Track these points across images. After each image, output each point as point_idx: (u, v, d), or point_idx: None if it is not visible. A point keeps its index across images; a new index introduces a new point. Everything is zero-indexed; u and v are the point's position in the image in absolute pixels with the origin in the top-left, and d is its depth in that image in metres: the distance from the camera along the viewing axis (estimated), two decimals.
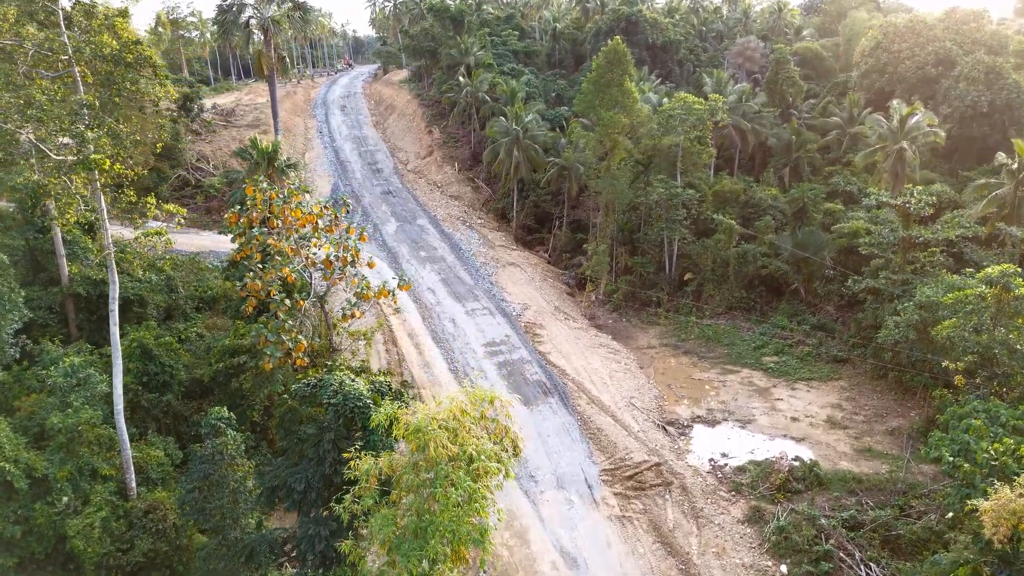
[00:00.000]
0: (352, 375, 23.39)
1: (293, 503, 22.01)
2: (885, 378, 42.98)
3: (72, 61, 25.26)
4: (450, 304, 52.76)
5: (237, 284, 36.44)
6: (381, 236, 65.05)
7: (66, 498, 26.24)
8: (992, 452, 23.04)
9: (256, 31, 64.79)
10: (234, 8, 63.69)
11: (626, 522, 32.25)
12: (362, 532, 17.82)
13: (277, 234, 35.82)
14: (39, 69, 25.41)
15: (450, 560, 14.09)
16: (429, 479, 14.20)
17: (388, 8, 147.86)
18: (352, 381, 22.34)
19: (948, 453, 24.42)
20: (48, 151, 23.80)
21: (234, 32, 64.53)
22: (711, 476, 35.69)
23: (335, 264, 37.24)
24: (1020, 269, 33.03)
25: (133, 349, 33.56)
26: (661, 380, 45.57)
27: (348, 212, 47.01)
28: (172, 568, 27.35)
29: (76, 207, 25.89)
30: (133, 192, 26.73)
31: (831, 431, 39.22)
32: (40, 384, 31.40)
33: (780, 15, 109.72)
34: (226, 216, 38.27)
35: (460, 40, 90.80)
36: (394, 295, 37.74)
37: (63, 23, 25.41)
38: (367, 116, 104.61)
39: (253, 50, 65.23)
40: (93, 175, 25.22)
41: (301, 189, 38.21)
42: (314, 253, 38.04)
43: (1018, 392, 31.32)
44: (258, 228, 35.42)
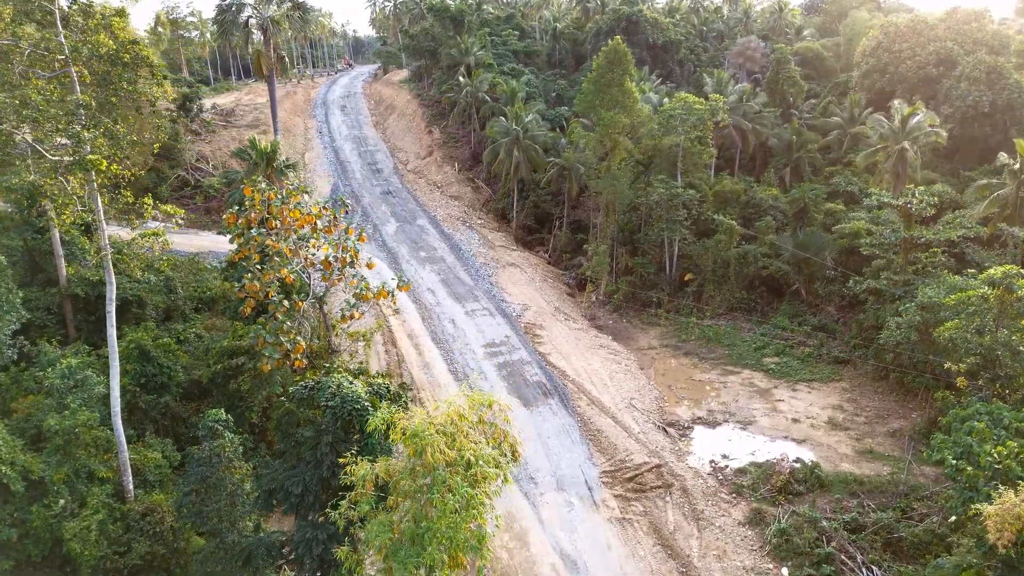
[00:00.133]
0: (350, 377, 23.23)
1: (291, 506, 21.85)
2: (886, 379, 42.81)
3: (69, 61, 25.10)
4: (450, 305, 52.59)
5: (235, 285, 36.28)
6: (381, 236, 64.89)
7: (63, 500, 26.08)
8: (995, 455, 22.86)
9: (255, 31, 64.66)
10: (233, 8, 63.53)
11: (626, 524, 32.09)
12: (360, 536, 17.64)
13: (275, 235, 35.64)
14: (36, 69, 25.25)
15: (448, 567, 13.90)
16: (426, 484, 14.02)
17: (388, 8, 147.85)
18: (350, 383, 22.17)
19: (951, 456, 24.23)
20: (44, 151, 23.64)
21: (233, 32, 64.38)
22: (712, 478, 35.53)
23: (334, 265, 37.08)
24: (1023, 270, 32.86)
25: (131, 350, 33.39)
26: (661, 381, 45.40)
27: (347, 212, 46.82)
28: (169, 571, 27.19)
29: (73, 208, 25.72)
30: (130, 193, 26.57)
31: (832, 432, 39.05)
32: (37, 386, 31.21)
33: (781, 15, 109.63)
34: (224, 217, 38.13)
35: (460, 40, 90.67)
36: (393, 296, 37.57)
37: (59, 23, 25.25)
38: (367, 116, 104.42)
39: (252, 50, 65.11)
40: (90, 175, 25.06)
41: (300, 189, 38.02)
42: (313, 254, 37.87)
43: (1021, 394, 31.16)
44: (256, 229, 35.25)
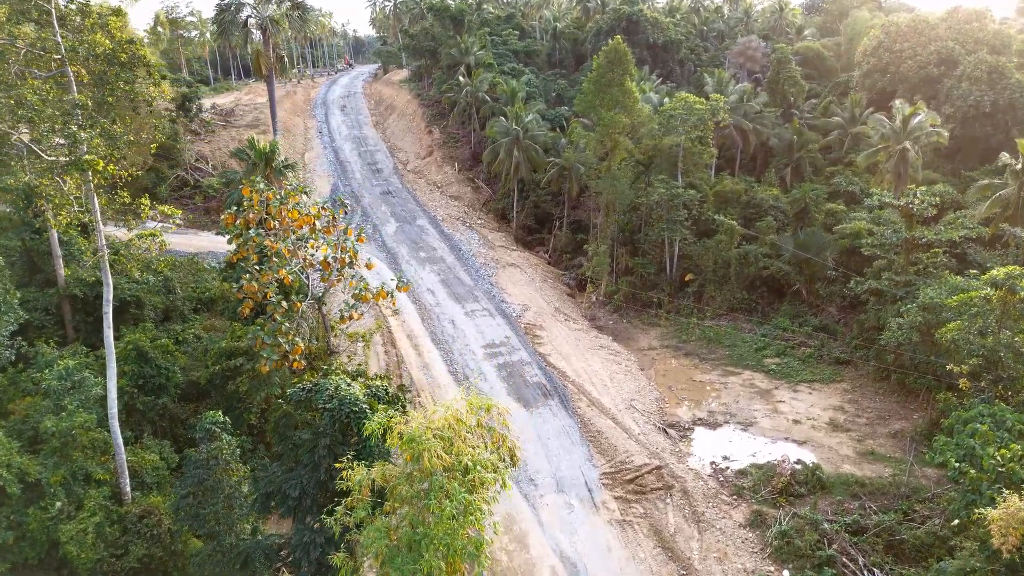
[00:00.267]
0: (348, 379, 23.06)
1: (288, 509, 21.68)
2: (888, 380, 42.61)
3: (65, 60, 24.93)
4: (450, 305, 52.42)
5: (234, 286, 36.12)
6: (380, 237, 64.72)
7: (59, 503, 25.91)
8: (998, 458, 22.66)
9: (255, 30, 64.46)
10: (232, 7, 63.35)
11: (627, 526, 31.92)
12: (358, 541, 17.46)
13: (274, 235, 35.47)
14: (32, 69, 25.09)
15: (445, 574, 13.73)
16: (424, 490, 13.83)
17: (388, 8, 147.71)
18: (348, 385, 22.00)
19: (953, 459, 24.04)
20: (40, 152, 23.47)
21: (233, 31, 64.20)
22: (712, 479, 35.36)
23: (333, 266, 36.91)
24: None
25: (128, 352, 33.21)
26: (662, 382, 45.23)
27: (346, 213, 46.64)
28: (167, 574, 27.01)
29: (70, 208, 25.55)
30: (127, 193, 26.40)
31: (833, 434, 38.87)
32: (35, 387, 31.05)
33: (781, 15, 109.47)
34: (223, 217, 37.97)
35: (460, 40, 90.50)
36: (393, 297, 37.38)
37: (56, 22, 25.08)
38: (367, 116, 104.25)
39: (251, 50, 64.92)
40: (86, 176, 24.89)
41: (298, 190, 37.84)
42: (312, 254, 37.70)
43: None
44: (255, 229, 35.08)
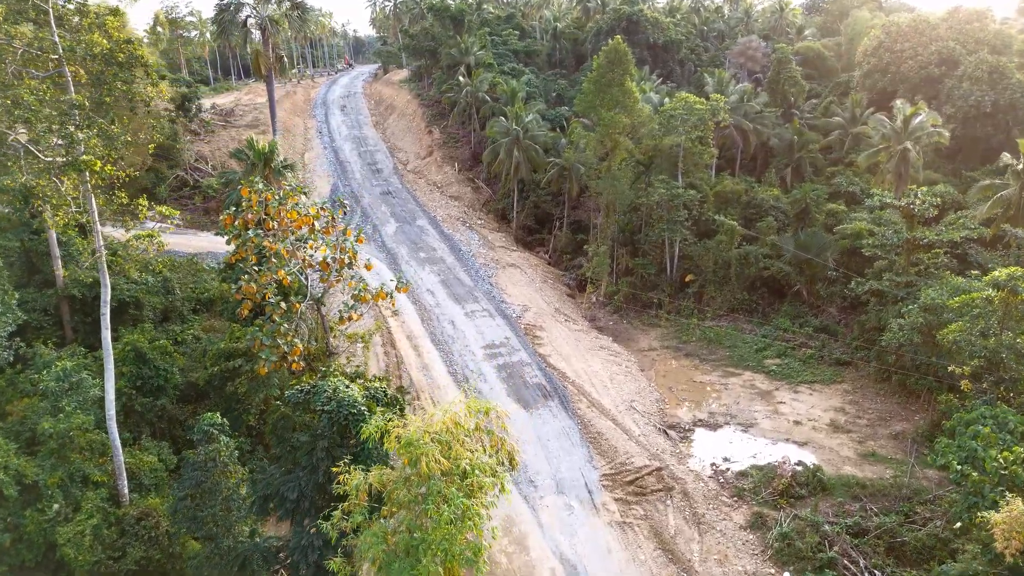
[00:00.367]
0: (346, 381, 22.91)
1: (286, 512, 21.54)
2: (889, 381, 42.46)
3: (63, 60, 24.80)
4: (449, 306, 52.28)
5: (232, 287, 36.00)
6: (380, 237, 64.60)
7: (57, 505, 25.80)
8: (1001, 460, 22.51)
9: (254, 30, 64.30)
10: (232, 7, 63.20)
11: (627, 528, 31.78)
12: (356, 544, 17.33)
13: (273, 236, 35.34)
14: (30, 69, 24.95)
15: None
16: (421, 494, 13.71)
17: (388, 8, 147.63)
18: (346, 387, 21.86)
19: (956, 461, 23.88)
20: (37, 152, 23.34)
21: (232, 31, 64.05)
22: (713, 481, 35.21)
23: (332, 266, 36.79)
24: None
25: (127, 353, 33.11)
26: (662, 383, 45.09)
27: (345, 213, 46.52)
28: None
29: (67, 209, 25.43)
30: (125, 194, 26.27)
31: (834, 435, 38.73)
32: (33, 388, 30.96)
33: (782, 14, 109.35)
34: (221, 218, 37.85)
35: (460, 40, 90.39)
36: (392, 297, 37.26)
37: (54, 22, 24.95)
38: (367, 116, 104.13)
39: (251, 50, 64.73)
40: (84, 176, 24.76)
41: (297, 190, 37.72)
42: (311, 255, 37.58)
43: None
44: (253, 230, 34.95)
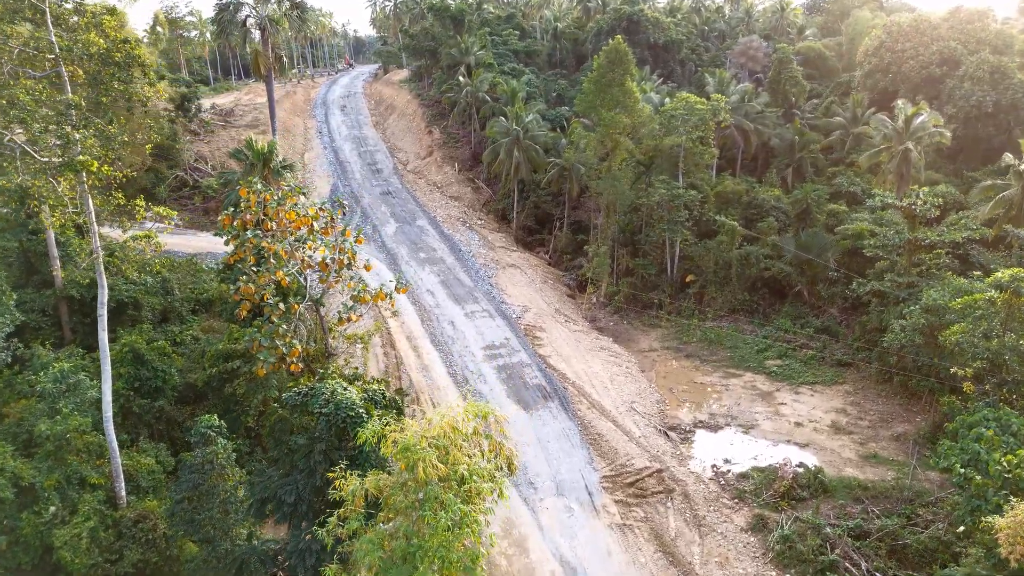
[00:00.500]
0: (345, 383, 22.74)
1: (284, 515, 21.38)
2: (890, 382, 42.27)
3: (59, 60, 24.64)
4: (449, 306, 52.12)
5: (231, 288, 35.83)
6: (380, 237, 64.44)
7: (53, 507, 25.60)
8: (1005, 464, 22.32)
9: (254, 30, 64.14)
10: (231, 7, 63.05)
11: (627, 530, 31.61)
12: (352, 551, 17.16)
13: (271, 237, 35.17)
14: (26, 69, 24.80)
15: None
16: (418, 500, 13.54)
17: (388, 8, 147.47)
18: (344, 390, 21.69)
19: (959, 464, 23.68)
20: (33, 153, 23.18)
21: (232, 31, 63.87)
22: (713, 483, 35.04)
23: (331, 267, 36.61)
24: None
25: (124, 354, 32.95)
26: (663, 384, 44.92)
27: (344, 214, 46.35)
28: None
29: (64, 210, 25.26)
30: (122, 194, 26.10)
31: (836, 436, 38.55)
32: (31, 389, 30.81)
33: (783, 14, 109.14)
34: (220, 218, 37.66)
35: (460, 40, 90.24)
36: (391, 298, 37.08)
37: (50, 22, 24.78)
38: (367, 116, 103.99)
39: (250, 49, 64.55)
40: (81, 177, 24.59)
41: (296, 190, 37.55)
42: (310, 256, 37.40)
43: None
44: (252, 231, 34.77)
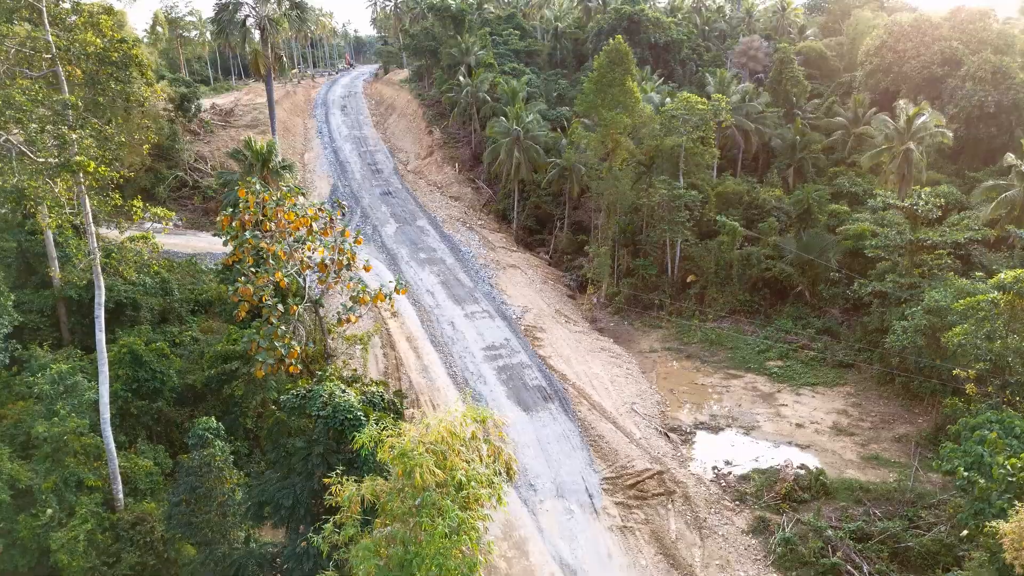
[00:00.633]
0: (343, 386, 22.58)
1: (281, 519, 21.21)
2: (892, 384, 42.10)
3: (56, 60, 24.48)
4: (449, 307, 51.99)
5: (229, 288, 35.64)
6: (380, 238, 64.31)
7: (50, 510, 25.43)
8: (1008, 467, 22.12)
9: (253, 30, 63.94)
10: (230, 6, 62.86)
11: (627, 533, 31.46)
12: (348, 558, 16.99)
13: (270, 237, 34.97)
14: (23, 68, 24.64)
15: None
16: (415, 507, 13.38)
17: (389, 7, 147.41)
18: (342, 392, 21.52)
19: (962, 467, 23.46)
20: (29, 153, 23.02)
21: (231, 31, 63.64)
22: (714, 485, 34.88)
23: (330, 268, 36.40)
24: None
25: (122, 355, 32.76)
26: (663, 385, 44.75)
27: (344, 214, 46.19)
28: None
29: (60, 211, 25.10)
30: (119, 195, 25.94)
31: (837, 438, 38.39)
32: (29, 391, 30.63)
33: (784, 14, 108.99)
34: (218, 219, 37.47)
35: (461, 39, 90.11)
36: (391, 299, 36.90)
37: (47, 21, 24.63)
38: (367, 116, 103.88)
39: (250, 49, 64.38)
40: (78, 178, 24.43)
41: (295, 191, 37.35)
42: (309, 257, 37.20)
43: None
44: (251, 231, 34.56)
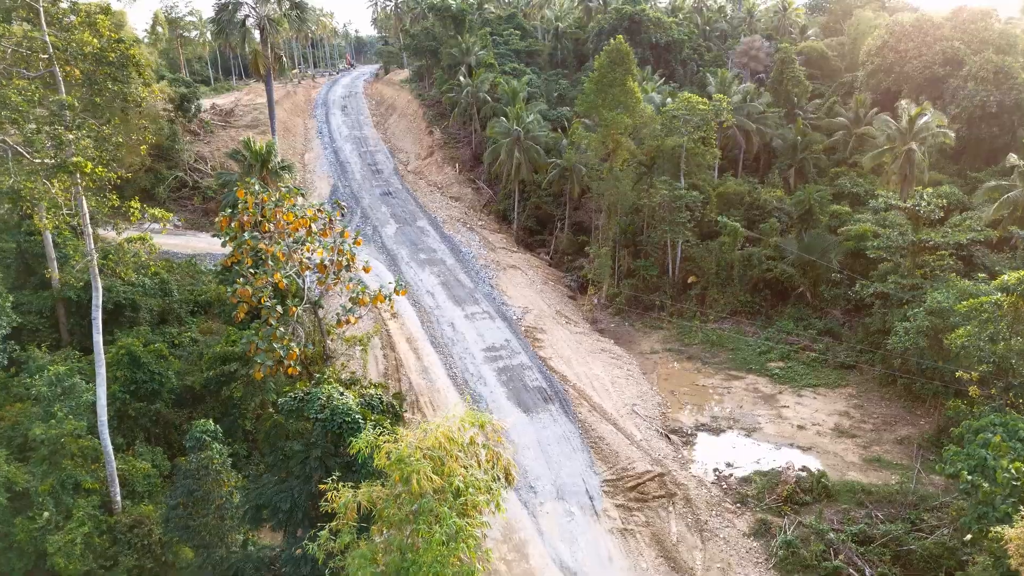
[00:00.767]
0: (341, 388, 22.42)
1: (279, 522, 21.06)
2: (894, 385, 41.88)
3: (53, 60, 24.34)
4: (449, 308, 51.82)
5: (228, 289, 35.49)
6: (380, 238, 64.15)
7: (47, 513, 25.33)
8: (1013, 471, 21.92)
9: (253, 30, 63.80)
10: (230, 6, 62.73)
11: (628, 535, 31.28)
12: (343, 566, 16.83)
13: (269, 238, 34.82)
14: (20, 68, 24.49)
15: None
16: (412, 513, 13.19)
17: (390, 7, 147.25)
18: (341, 395, 21.36)
19: (965, 470, 23.27)
20: (26, 154, 22.88)
21: (231, 31, 63.50)
22: (716, 487, 34.69)
23: (330, 269, 36.26)
24: None
25: (120, 356, 32.62)
26: (664, 386, 44.57)
27: (344, 215, 46.03)
28: None
29: (57, 212, 24.96)
30: (116, 196, 25.80)
31: (839, 440, 38.19)
32: (27, 392, 30.50)
33: (785, 14, 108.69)
34: (217, 219, 37.33)
35: (461, 39, 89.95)
36: (391, 300, 36.76)
37: (44, 21, 24.48)
38: (368, 116, 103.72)
39: (250, 49, 64.23)
40: (75, 178, 24.29)
41: (294, 192, 37.20)
42: (308, 258, 37.05)
43: None
44: (249, 232, 34.40)
